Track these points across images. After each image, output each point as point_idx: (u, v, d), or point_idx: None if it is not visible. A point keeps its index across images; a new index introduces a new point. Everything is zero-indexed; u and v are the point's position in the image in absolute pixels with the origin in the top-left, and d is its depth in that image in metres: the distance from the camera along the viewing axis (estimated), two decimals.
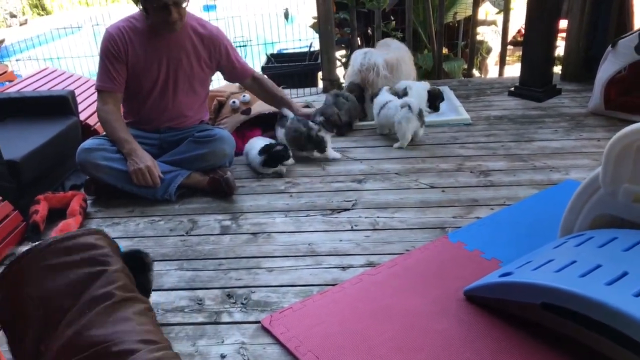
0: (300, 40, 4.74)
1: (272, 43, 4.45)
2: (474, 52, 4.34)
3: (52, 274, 1.21)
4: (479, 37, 4.71)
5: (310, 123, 2.75)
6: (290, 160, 2.67)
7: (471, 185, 2.42)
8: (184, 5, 2.39)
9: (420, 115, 2.81)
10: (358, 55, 3.33)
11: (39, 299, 1.18)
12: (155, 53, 2.49)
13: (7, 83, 3.56)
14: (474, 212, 2.19)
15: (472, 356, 1.42)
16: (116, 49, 2.43)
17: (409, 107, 2.77)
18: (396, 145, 2.87)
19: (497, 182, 2.43)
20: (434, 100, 3.15)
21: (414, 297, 1.68)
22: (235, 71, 2.75)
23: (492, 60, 5.56)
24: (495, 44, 5.24)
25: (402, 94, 3.06)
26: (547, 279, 1.38)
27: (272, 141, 2.73)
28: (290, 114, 2.82)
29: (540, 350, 1.43)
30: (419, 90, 3.15)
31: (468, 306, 1.62)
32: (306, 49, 4.82)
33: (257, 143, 2.72)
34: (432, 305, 1.63)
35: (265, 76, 2.95)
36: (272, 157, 2.62)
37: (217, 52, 2.63)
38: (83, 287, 1.20)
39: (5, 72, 3.69)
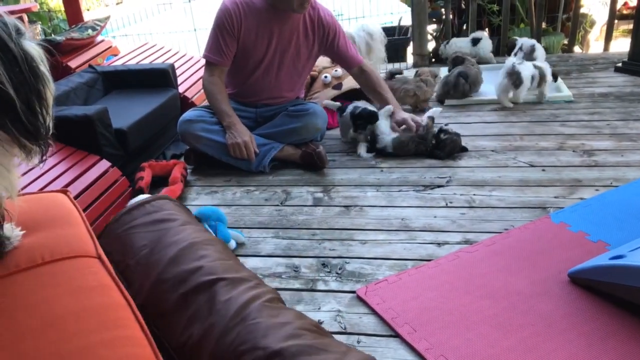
0: (392, 14, 4.66)
1: (363, 17, 4.41)
2: (577, 25, 4.08)
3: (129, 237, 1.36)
4: (582, 10, 4.41)
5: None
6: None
7: (574, 164, 2.30)
8: None
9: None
10: None
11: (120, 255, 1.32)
12: (267, 32, 2.50)
13: (112, 57, 3.77)
14: (578, 192, 2.09)
15: (577, 338, 1.37)
16: (230, 24, 2.45)
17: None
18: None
19: (603, 163, 2.29)
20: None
21: (514, 276, 1.63)
22: (341, 57, 2.68)
23: (592, 36, 5.21)
24: (598, 17, 4.90)
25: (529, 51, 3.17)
26: None
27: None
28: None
29: None
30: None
31: (573, 288, 1.55)
32: (394, 24, 4.72)
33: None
34: (534, 285, 1.58)
35: (374, 71, 2.79)
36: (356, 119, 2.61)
37: (326, 37, 2.59)
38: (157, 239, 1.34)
39: (110, 46, 3.89)
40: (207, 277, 1.17)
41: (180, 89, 3.25)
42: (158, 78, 3.08)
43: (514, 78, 2.93)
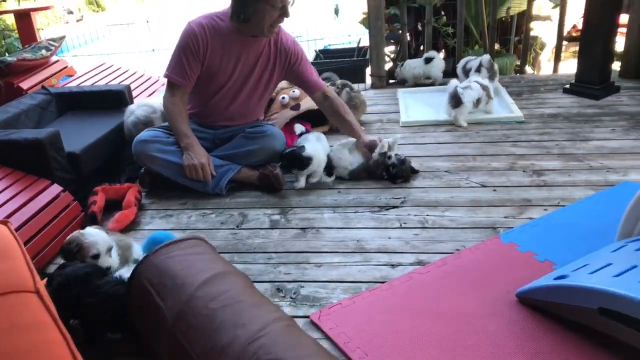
0: (349, 35, 4.73)
1: (322, 39, 4.47)
2: (528, 47, 4.22)
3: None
4: (532, 33, 4.57)
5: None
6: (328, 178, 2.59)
7: (524, 184, 2.37)
8: None
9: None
10: None
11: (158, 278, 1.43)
12: (233, 56, 2.49)
13: (67, 78, 3.71)
14: (527, 212, 2.15)
15: (524, 359, 1.40)
16: (195, 47, 2.43)
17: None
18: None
19: (551, 182, 2.36)
20: None
21: (464, 297, 1.66)
22: (304, 82, 2.68)
23: (544, 57, 5.40)
24: (549, 40, 5.08)
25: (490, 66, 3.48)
26: (606, 283, 1.34)
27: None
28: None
29: (595, 355, 1.39)
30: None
31: (521, 308, 1.59)
32: (353, 45, 4.80)
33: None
34: (483, 306, 1.61)
35: (338, 97, 2.78)
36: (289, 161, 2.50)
37: (288, 61, 2.60)
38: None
39: (66, 67, 3.83)
40: (234, 297, 1.31)
41: None
42: (114, 99, 3.05)
43: (455, 100, 3.05)
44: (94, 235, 1.77)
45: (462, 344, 1.46)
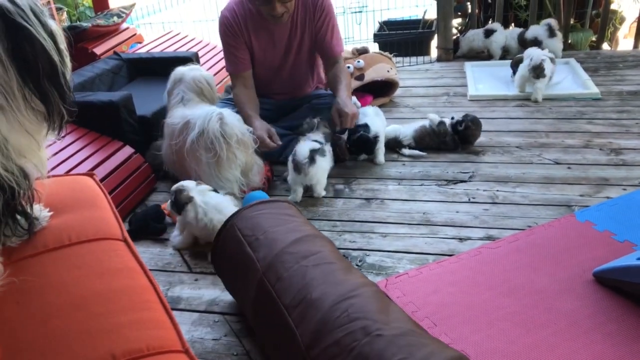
0: (417, 6, 4.61)
1: (388, 9, 4.37)
2: (607, 21, 3.99)
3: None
4: (612, 6, 4.30)
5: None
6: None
7: (600, 163, 2.26)
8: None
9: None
10: None
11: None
12: (269, 34, 2.50)
13: (136, 45, 3.80)
14: (604, 191, 2.05)
15: (602, 339, 1.35)
16: (233, 29, 2.47)
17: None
18: None
19: (631, 162, 2.25)
20: None
21: (537, 274, 1.61)
22: (323, 44, 2.58)
23: (621, 33, 5.09)
24: (629, 14, 4.78)
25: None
26: None
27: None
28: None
29: None
30: None
31: (598, 288, 1.53)
32: (418, 17, 4.67)
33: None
34: (557, 283, 1.56)
35: (344, 69, 2.65)
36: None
37: (316, 19, 2.53)
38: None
39: (135, 34, 3.92)
40: (326, 259, 1.33)
41: None
42: (182, 66, 3.09)
43: (537, 71, 2.92)
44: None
45: (535, 320, 1.42)
